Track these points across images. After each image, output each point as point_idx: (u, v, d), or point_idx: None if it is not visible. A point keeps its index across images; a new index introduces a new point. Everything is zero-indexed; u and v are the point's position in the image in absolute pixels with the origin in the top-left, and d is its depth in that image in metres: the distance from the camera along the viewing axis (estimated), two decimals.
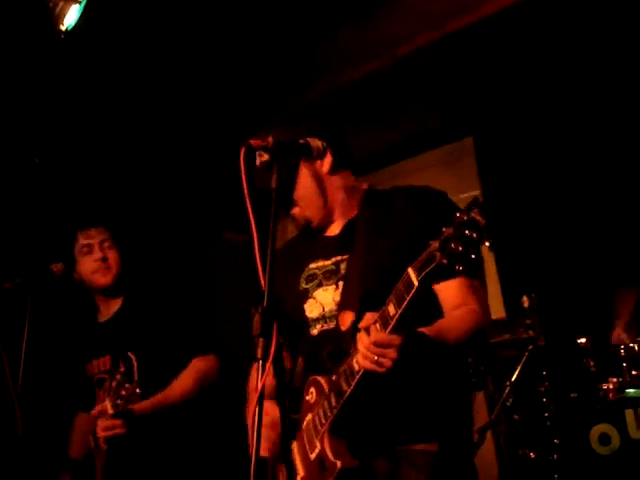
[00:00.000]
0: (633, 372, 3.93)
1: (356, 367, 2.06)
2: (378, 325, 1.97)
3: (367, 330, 1.99)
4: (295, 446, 2.33)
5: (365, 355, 1.98)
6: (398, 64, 5.04)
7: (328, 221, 2.46)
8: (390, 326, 1.95)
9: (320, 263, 2.45)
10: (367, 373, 2.02)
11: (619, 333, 4.15)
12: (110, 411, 2.89)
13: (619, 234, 4.76)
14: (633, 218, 4.66)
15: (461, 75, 5.19)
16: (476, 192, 5.25)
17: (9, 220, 4.57)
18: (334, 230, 2.46)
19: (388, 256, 2.24)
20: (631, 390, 3.89)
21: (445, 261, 1.77)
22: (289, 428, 1.99)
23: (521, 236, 5.09)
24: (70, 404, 3.50)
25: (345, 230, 2.43)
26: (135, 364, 2.91)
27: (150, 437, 3.09)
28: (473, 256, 1.75)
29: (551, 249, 5.05)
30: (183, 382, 3.14)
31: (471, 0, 4.63)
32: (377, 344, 1.95)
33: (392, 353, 1.94)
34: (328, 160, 2.40)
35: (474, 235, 1.72)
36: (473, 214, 1.73)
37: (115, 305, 3.34)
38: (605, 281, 4.70)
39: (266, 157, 2.08)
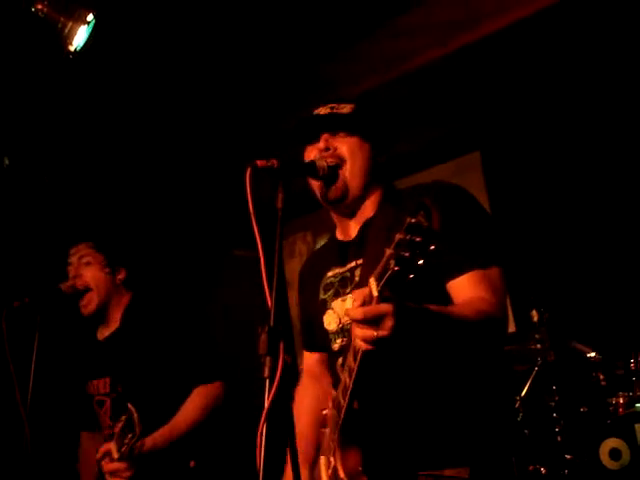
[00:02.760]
0: None
1: (348, 381, 1.92)
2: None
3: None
4: (322, 460, 2.22)
5: (356, 336, 1.75)
6: (403, 79, 5.07)
7: (355, 207, 2.29)
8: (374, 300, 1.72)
9: (337, 270, 2.32)
10: (367, 389, 1.89)
11: None
12: (115, 455, 2.88)
13: (629, 249, 4.76)
14: None
15: (468, 90, 5.21)
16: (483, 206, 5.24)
17: (17, 239, 4.60)
18: (351, 233, 2.32)
19: None
20: None
21: (397, 269, 1.63)
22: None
23: (530, 250, 5.08)
24: (74, 423, 3.49)
25: (360, 233, 2.28)
26: (136, 416, 2.86)
27: (159, 471, 3.04)
28: (420, 262, 1.62)
29: (560, 263, 5.04)
30: (187, 412, 3.07)
31: (478, 16, 4.65)
32: (367, 316, 1.71)
33: (389, 321, 1.70)
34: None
35: (417, 239, 1.61)
36: (419, 217, 1.62)
37: (114, 323, 3.30)
38: (615, 295, 4.70)
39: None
